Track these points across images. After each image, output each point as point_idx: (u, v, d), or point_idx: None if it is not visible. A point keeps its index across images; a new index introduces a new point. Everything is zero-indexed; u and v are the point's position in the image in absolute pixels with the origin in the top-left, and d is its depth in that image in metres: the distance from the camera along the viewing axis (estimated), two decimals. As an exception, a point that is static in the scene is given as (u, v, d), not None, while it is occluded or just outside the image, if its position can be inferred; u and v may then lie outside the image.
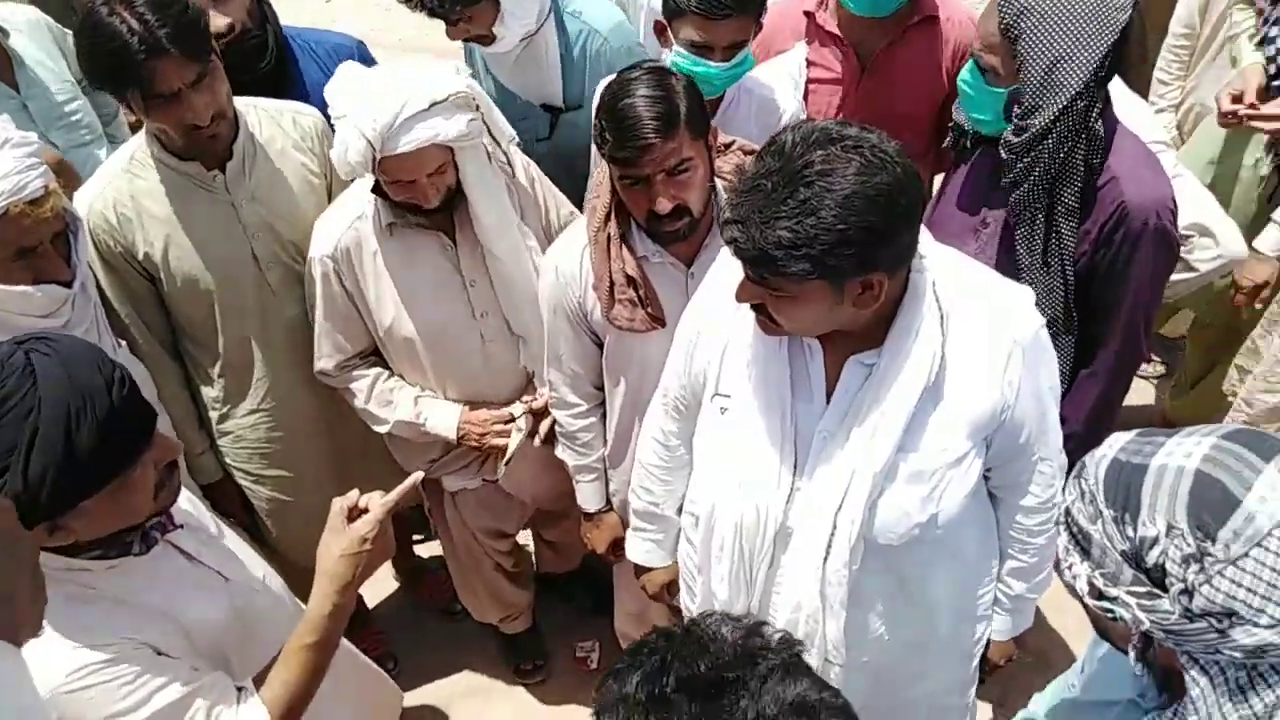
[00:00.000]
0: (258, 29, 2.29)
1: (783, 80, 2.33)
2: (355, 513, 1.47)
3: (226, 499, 2.39)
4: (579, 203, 2.26)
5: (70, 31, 2.39)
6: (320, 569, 1.44)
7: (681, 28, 2.08)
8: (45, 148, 1.99)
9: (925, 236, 1.44)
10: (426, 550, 3.12)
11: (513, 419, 2.22)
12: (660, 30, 2.18)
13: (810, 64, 2.37)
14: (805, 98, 2.38)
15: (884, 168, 1.28)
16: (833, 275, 1.30)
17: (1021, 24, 1.69)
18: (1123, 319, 1.87)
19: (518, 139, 2.12)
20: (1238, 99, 2.45)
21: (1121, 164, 1.79)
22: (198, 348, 2.23)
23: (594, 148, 2.18)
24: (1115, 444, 1.02)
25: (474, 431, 2.22)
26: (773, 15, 2.31)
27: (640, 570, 2.00)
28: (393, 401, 2.21)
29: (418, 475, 1.55)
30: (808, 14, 2.38)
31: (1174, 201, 1.81)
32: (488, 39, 2.39)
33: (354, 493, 1.49)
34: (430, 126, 1.81)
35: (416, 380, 2.23)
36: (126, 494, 1.27)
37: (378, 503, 1.47)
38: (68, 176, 2.28)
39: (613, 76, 1.85)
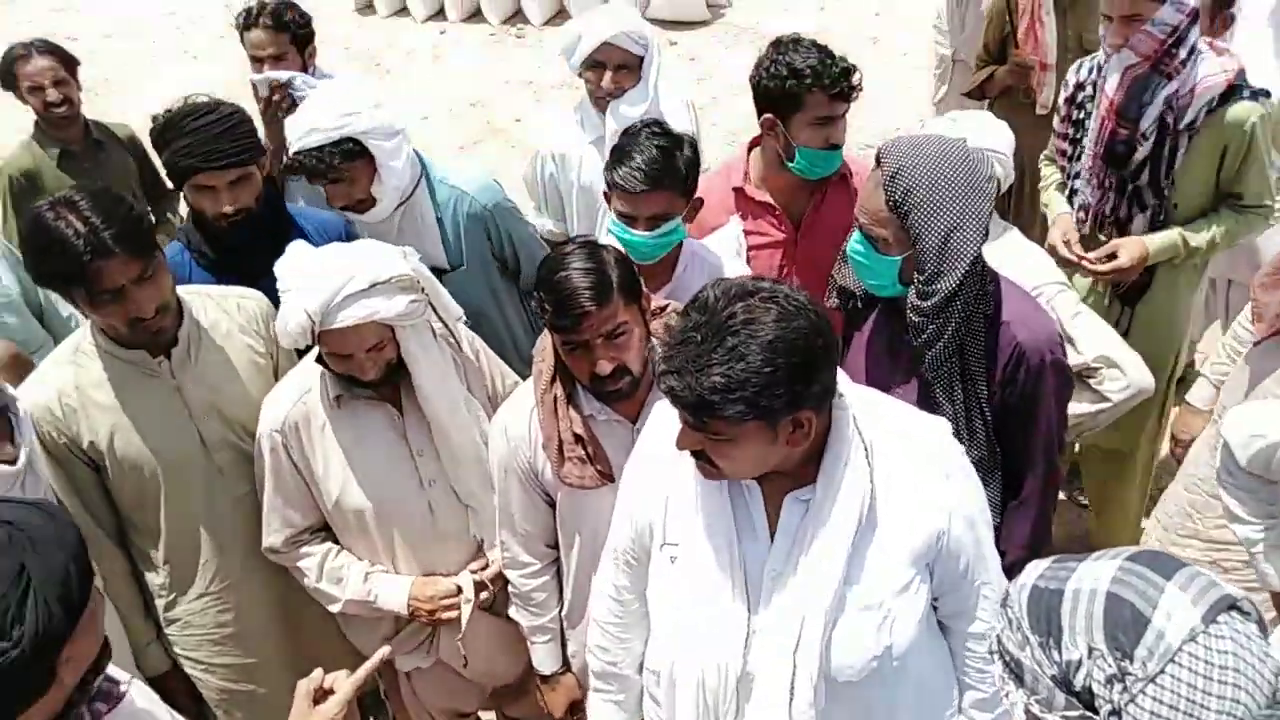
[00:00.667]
0: (262, 210, 2.41)
1: (728, 249, 2.49)
2: (320, 694, 1.44)
3: (175, 691, 2.30)
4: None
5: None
6: None
7: (613, 200, 2.29)
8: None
9: (842, 376, 1.52)
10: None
11: (460, 591, 2.20)
12: (607, 198, 2.37)
13: (747, 233, 2.53)
14: (748, 262, 2.53)
15: (799, 314, 1.38)
16: (766, 415, 1.37)
17: (909, 200, 1.82)
18: (1040, 446, 1.97)
19: (464, 317, 2.20)
20: (1067, 245, 2.74)
21: (1010, 310, 1.93)
22: (141, 535, 2.20)
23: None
24: (1034, 571, 1.07)
25: (423, 608, 2.20)
26: (705, 194, 2.49)
27: None
28: (343, 579, 2.19)
29: (384, 650, 1.55)
30: (736, 189, 2.56)
31: (1059, 335, 1.97)
32: (366, 203, 2.52)
33: (318, 672, 1.46)
34: (369, 305, 1.88)
35: (365, 553, 2.22)
36: (91, 624, 1.20)
37: (344, 682, 1.45)
38: (23, 368, 2.31)
39: (549, 253, 1.97)
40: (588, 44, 2.81)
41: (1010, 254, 2.31)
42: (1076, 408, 2.26)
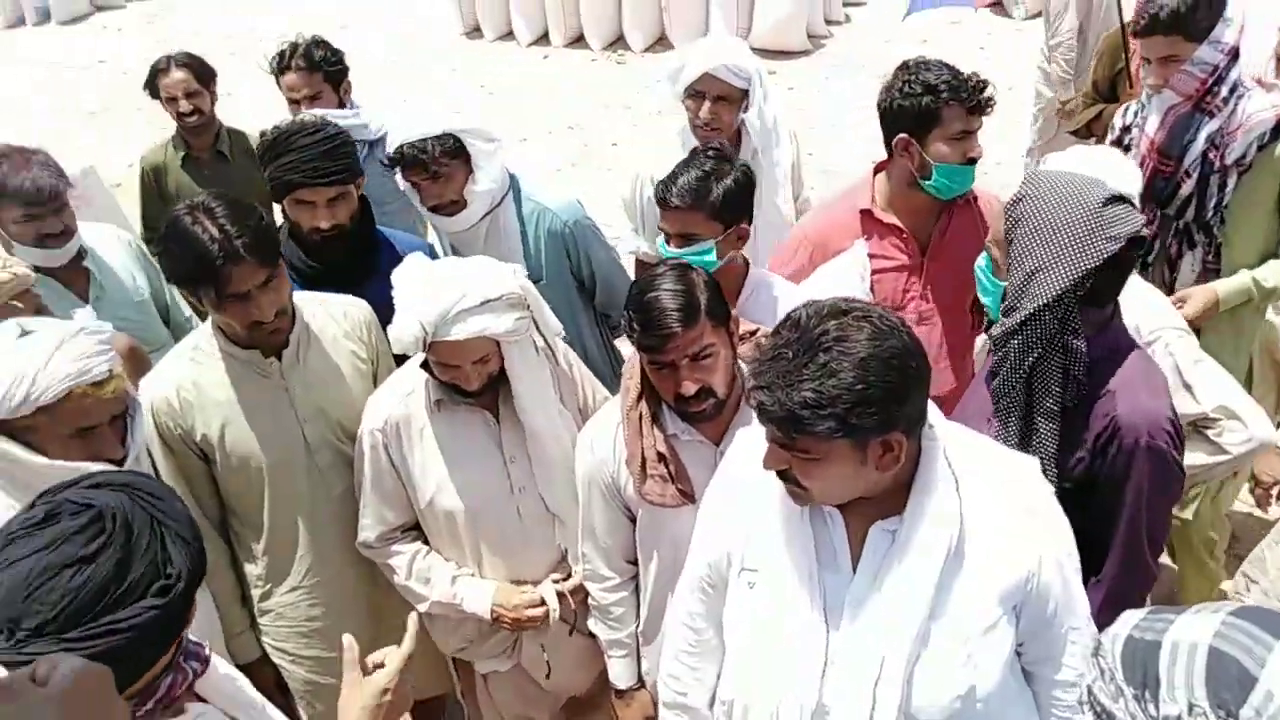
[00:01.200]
0: (356, 227, 2.53)
1: (849, 272, 2.49)
2: (371, 667, 1.51)
3: (263, 680, 2.39)
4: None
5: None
6: None
7: (660, 214, 2.35)
8: (119, 335, 2.15)
9: (932, 408, 1.51)
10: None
11: (544, 602, 2.24)
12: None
13: (872, 256, 2.53)
14: (871, 287, 2.53)
15: (893, 334, 1.39)
16: (856, 434, 1.37)
17: (1017, 230, 1.80)
18: (1122, 532, 1.87)
19: (563, 332, 2.27)
20: None
21: (1120, 380, 1.83)
22: (244, 526, 2.30)
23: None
24: (1129, 621, 1.04)
25: (506, 615, 2.24)
26: (827, 218, 2.56)
27: None
28: (430, 579, 2.25)
29: (414, 618, 1.61)
30: (864, 212, 2.55)
31: (1172, 424, 1.82)
32: (458, 205, 2.60)
33: (350, 644, 1.53)
34: (480, 321, 1.95)
35: (453, 555, 2.28)
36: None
37: (394, 655, 1.51)
38: (138, 362, 2.45)
39: (643, 273, 2.04)
40: (690, 73, 2.86)
41: (1128, 295, 2.25)
42: (1193, 459, 2.14)
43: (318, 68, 3.24)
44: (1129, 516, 1.85)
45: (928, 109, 2.35)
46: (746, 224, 2.36)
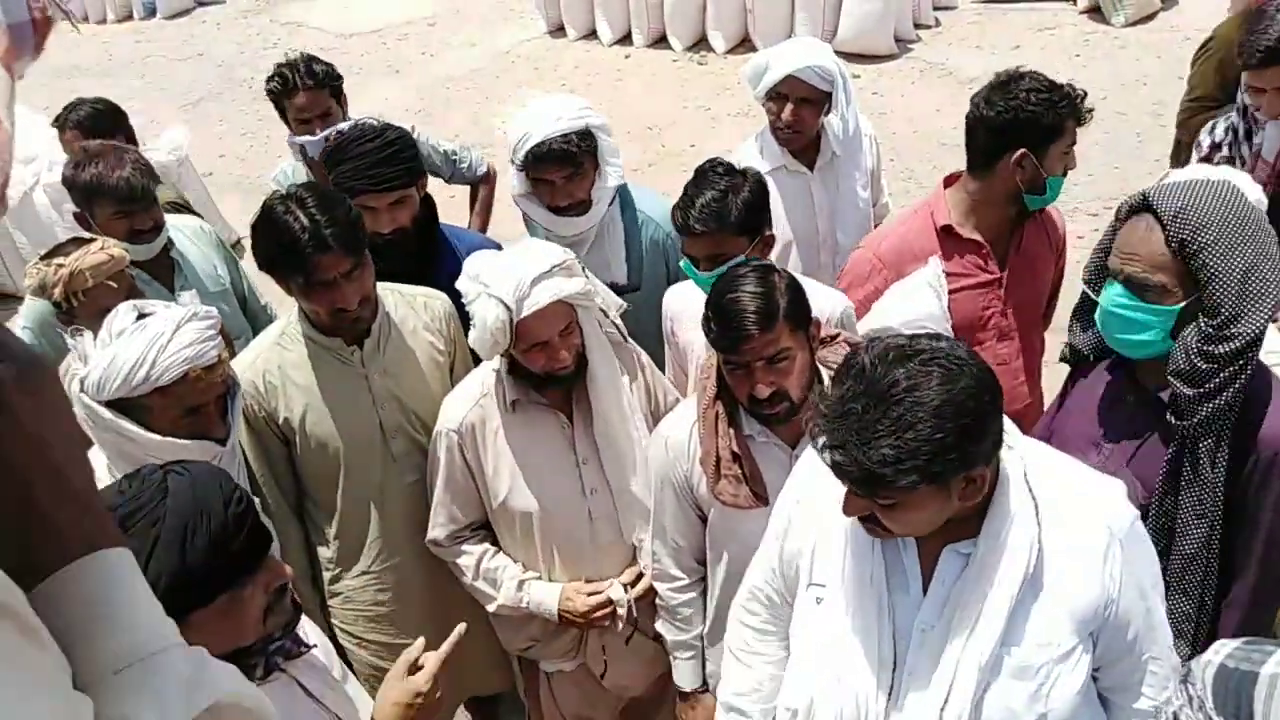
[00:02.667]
0: (418, 229, 2.56)
1: (922, 289, 2.43)
2: (413, 668, 1.55)
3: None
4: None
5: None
6: (381, 710, 1.51)
7: (684, 240, 2.34)
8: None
9: (1011, 427, 1.46)
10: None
11: (611, 603, 2.24)
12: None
13: (950, 274, 2.46)
14: (949, 306, 2.46)
15: (963, 372, 1.34)
16: (938, 480, 1.34)
17: (1200, 239, 1.68)
18: (1256, 552, 1.78)
19: (624, 306, 2.28)
20: None
21: (1249, 389, 1.73)
22: (319, 509, 2.36)
23: (663, 326, 2.49)
24: (1222, 650, 1.00)
25: (574, 616, 2.25)
26: (899, 236, 2.51)
27: None
28: (498, 581, 2.28)
29: (461, 627, 1.65)
30: (945, 228, 2.47)
31: None
32: (586, 204, 2.61)
33: (419, 645, 1.58)
34: (554, 285, 1.97)
35: (523, 556, 2.29)
36: (235, 612, 1.32)
37: (432, 658, 1.56)
38: (227, 345, 2.53)
39: (723, 271, 2.01)
40: (773, 75, 2.83)
41: None
42: None
43: (323, 85, 3.15)
44: (1266, 537, 1.77)
45: (1054, 121, 2.28)
46: (769, 229, 2.35)
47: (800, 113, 2.84)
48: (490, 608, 2.30)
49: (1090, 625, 1.45)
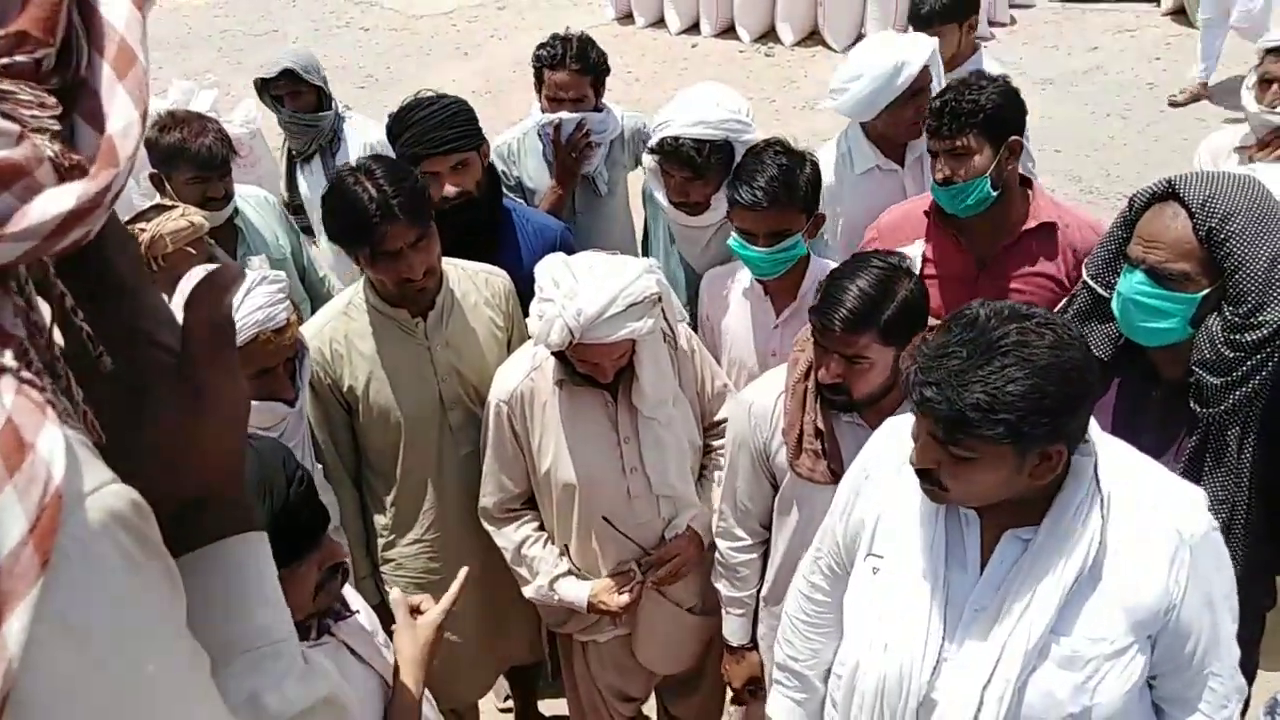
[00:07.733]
0: (483, 197, 2.57)
1: None
2: (415, 611, 1.62)
3: (383, 623, 2.50)
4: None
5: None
6: (405, 657, 1.57)
7: (734, 216, 2.32)
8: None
9: (1093, 424, 1.45)
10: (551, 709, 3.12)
11: (632, 570, 2.28)
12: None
13: (926, 260, 2.41)
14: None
15: (1073, 345, 1.35)
16: (1023, 442, 1.33)
17: (1228, 226, 1.68)
18: None
19: (686, 318, 2.28)
20: None
21: None
22: (377, 476, 2.41)
23: (698, 313, 2.53)
24: None
25: (602, 604, 2.29)
26: (895, 216, 2.51)
27: None
28: (534, 571, 2.32)
29: (464, 571, 1.71)
30: (927, 213, 2.46)
31: None
32: (702, 206, 2.59)
33: (403, 597, 1.66)
34: (626, 325, 1.97)
35: (560, 530, 2.33)
36: (289, 588, 1.34)
37: (436, 607, 1.63)
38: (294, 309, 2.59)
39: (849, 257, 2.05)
40: (912, 69, 2.70)
41: None
42: None
43: (590, 71, 2.99)
44: None
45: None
46: (819, 211, 2.36)
47: (921, 104, 2.64)
48: (527, 591, 2.35)
49: (1148, 628, 1.43)
